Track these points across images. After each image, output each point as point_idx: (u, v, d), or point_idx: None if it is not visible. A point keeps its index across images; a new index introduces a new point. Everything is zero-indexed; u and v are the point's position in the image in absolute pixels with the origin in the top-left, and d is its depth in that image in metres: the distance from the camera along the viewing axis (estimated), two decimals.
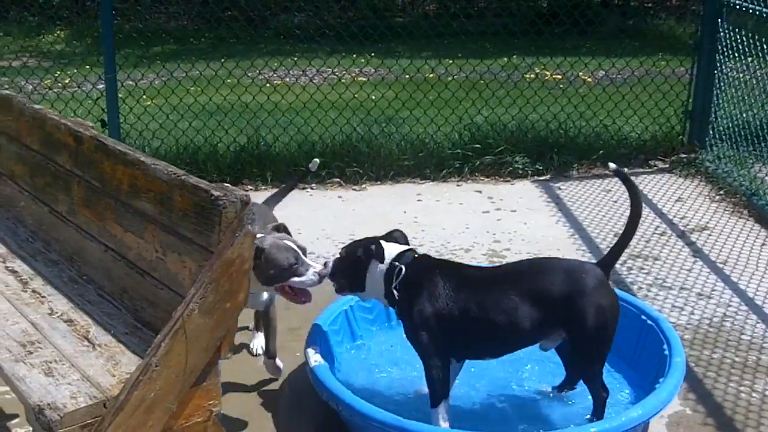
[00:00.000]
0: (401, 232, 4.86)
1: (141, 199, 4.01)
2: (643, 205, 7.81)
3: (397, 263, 4.56)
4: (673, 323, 5.50)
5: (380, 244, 4.62)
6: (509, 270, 4.71)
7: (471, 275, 4.58)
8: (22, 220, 5.26)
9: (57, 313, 4.18)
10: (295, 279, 4.61)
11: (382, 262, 4.60)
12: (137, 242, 4.07)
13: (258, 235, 4.45)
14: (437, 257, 4.89)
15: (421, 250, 5.17)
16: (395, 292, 4.55)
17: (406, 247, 4.70)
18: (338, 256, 4.78)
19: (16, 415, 4.82)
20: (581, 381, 4.65)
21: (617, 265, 6.61)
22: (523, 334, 4.42)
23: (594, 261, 6.68)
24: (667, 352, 4.74)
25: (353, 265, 4.68)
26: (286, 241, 4.65)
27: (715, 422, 4.79)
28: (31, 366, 3.66)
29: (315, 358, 4.72)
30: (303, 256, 4.63)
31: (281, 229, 4.89)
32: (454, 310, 4.42)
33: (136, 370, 3.37)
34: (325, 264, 4.68)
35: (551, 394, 4.83)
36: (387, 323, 5.51)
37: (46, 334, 3.97)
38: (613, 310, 4.37)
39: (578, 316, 4.31)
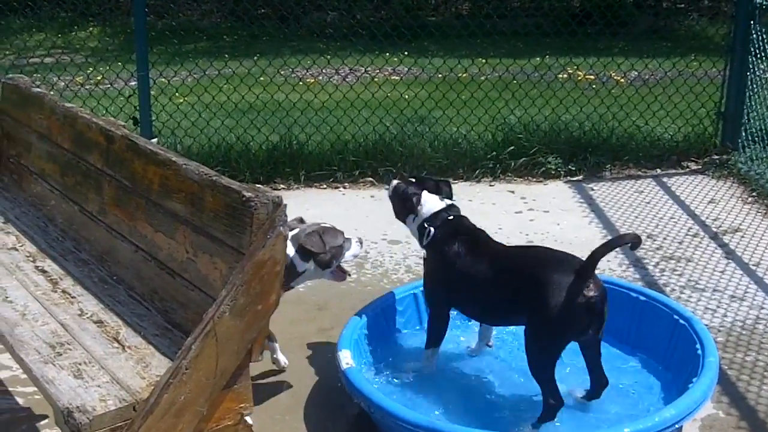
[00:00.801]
0: (448, 184, 5.30)
1: (172, 200, 4.00)
2: (676, 206, 7.86)
3: (427, 224, 4.98)
4: (706, 325, 5.44)
5: (419, 198, 5.05)
6: (512, 249, 5.01)
7: (483, 245, 4.92)
8: (53, 218, 5.27)
9: (87, 313, 4.17)
10: (349, 253, 4.95)
11: (416, 216, 5.04)
12: (168, 243, 4.06)
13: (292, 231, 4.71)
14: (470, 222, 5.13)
15: None
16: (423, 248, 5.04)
17: (445, 204, 5.07)
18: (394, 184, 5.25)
19: (45, 416, 4.82)
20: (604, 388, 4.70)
21: (650, 267, 6.65)
22: (501, 306, 4.71)
23: (627, 262, 6.72)
24: (700, 352, 4.70)
25: (398, 203, 5.17)
26: (321, 224, 4.93)
27: (749, 425, 4.75)
28: (60, 368, 3.65)
29: (346, 360, 4.70)
30: None
31: (301, 220, 5.05)
32: (460, 272, 4.80)
33: (167, 373, 3.36)
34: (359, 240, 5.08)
35: (580, 400, 4.79)
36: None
37: (76, 335, 3.96)
38: (568, 308, 4.34)
39: (535, 303, 4.40)
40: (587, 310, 4.37)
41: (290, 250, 4.73)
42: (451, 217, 5.01)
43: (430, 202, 5.03)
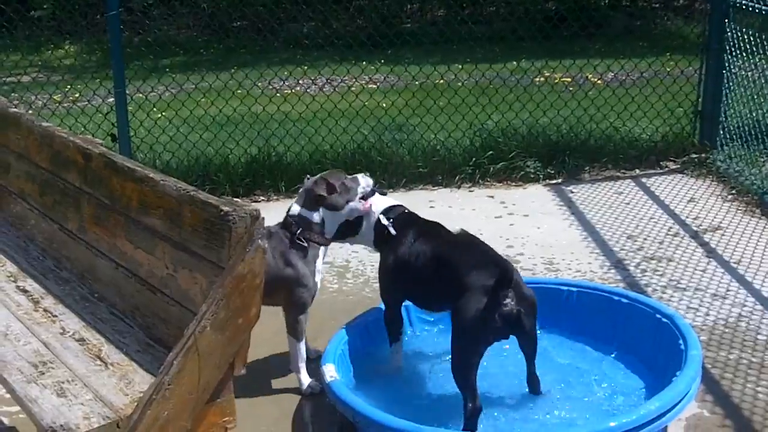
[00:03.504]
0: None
1: (151, 216, 4.00)
2: (656, 206, 7.89)
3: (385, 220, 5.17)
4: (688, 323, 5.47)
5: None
6: (454, 239, 4.99)
7: (431, 235, 5.04)
8: (33, 238, 5.27)
9: (69, 332, 4.17)
10: (360, 187, 5.30)
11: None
12: (148, 259, 4.06)
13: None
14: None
15: None
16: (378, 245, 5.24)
17: (395, 202, 5.31)
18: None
19: None
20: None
21: (631, 268, 6.67)
22: (437, 295, 4.83)
23: (608, 264, 6.74)
24: (683, 347, 4.73)
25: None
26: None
27: (734, 424, 4.76)
28: (43, 387, 3.65)
29: (330, 374, 4.72)
30: None
31: None
32: (407, 260, 4.94)
33: (149, 389, 3.36)
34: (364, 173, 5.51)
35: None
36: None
37: (58, 353, 3.96)
38: (479, 317, 4.41)
39: (455, 305, 4.53)
40: (504, 318, 4.41)
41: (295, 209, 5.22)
42: (405, 210, 5.25)
43: (378, 200, 5.27)
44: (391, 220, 5.13)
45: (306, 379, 5.22)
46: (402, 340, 5.21)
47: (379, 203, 5.25)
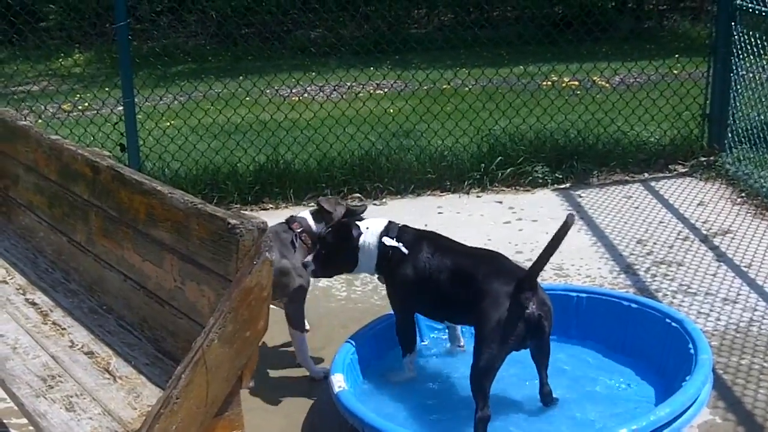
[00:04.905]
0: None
1: (158, 228, 4.00)
2: (665, 210, 7.87)
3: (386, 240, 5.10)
4: (698, 327, 5.45)
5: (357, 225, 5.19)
6: (469, 250, 5.06)
7: (446, 247, 5.04)
8: (42, 250, 5.28)
9: (78, 345, 4.18)
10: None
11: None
12: (156, 271, 4.06)
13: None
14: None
15: None
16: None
17: (382, 220, 5.23)
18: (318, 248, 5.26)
19: None
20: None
21: (641, 272, 6.65)
22: (458, 308, 4.85)
23: (618, 268, 6.73)
24: (693, 352, 4.72)
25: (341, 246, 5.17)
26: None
27: (746, 430, 4.74)
28: (52, 401, 3.66)
29: (339, 384, 4.72)
30: None
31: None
32: (428, 275, 4.92)
33: (157, 403, 3.35)
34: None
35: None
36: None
37: (67, 367, 3.97)
38: (503, 322, 4.46)
39: (477, 313, 4.55)
40: (527, 323, 4.47)
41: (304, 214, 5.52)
42: (400, 225, 5.21)
43: (372, 222, 5.22)
44: (395, 238, 5.09)
45: (315, 366, 5.43)
46: (415, 350, 5.19)
47: (373, 227, 5.18)
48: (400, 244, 5.04)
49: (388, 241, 5.06)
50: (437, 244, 5.02)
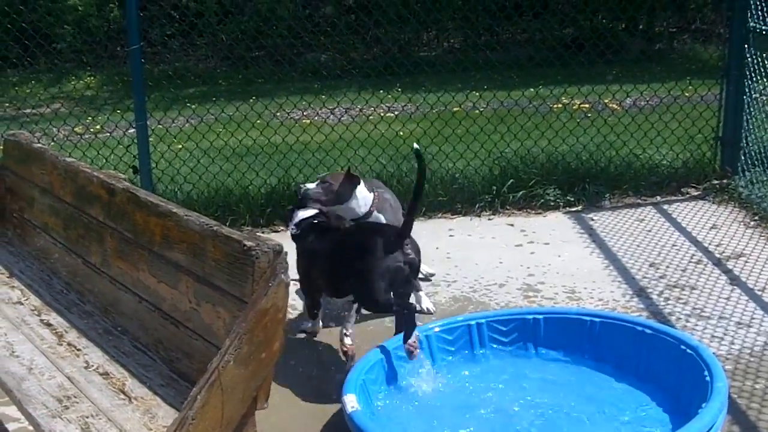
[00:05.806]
0: None
1: (174, 250, 4.02)
2: (678, 233, 7.86)
3: None
4: (713, 354, 5.43)
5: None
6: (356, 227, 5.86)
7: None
8: (57, 272, 5.31)
9: (93, 366, 4.20)
10: None
11: None
12: (171, 293, 4.08)
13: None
14: None
15: (454, 286, 6.86)
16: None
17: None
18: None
19: None
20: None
21: (654, 296, 6.63)
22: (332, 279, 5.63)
23: (630, 292, 6.72)
24: (708, 379, 4.70)
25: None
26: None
27: None
28: (68, 421, 3.66)
29: (352, 404, 4.71)
30: None
31: None
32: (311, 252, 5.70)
33: (173, 424, 3.36)
34: None
35: None
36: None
37: (82, 387, 3.98)
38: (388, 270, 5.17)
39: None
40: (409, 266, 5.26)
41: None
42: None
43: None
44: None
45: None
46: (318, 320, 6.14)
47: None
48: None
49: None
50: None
